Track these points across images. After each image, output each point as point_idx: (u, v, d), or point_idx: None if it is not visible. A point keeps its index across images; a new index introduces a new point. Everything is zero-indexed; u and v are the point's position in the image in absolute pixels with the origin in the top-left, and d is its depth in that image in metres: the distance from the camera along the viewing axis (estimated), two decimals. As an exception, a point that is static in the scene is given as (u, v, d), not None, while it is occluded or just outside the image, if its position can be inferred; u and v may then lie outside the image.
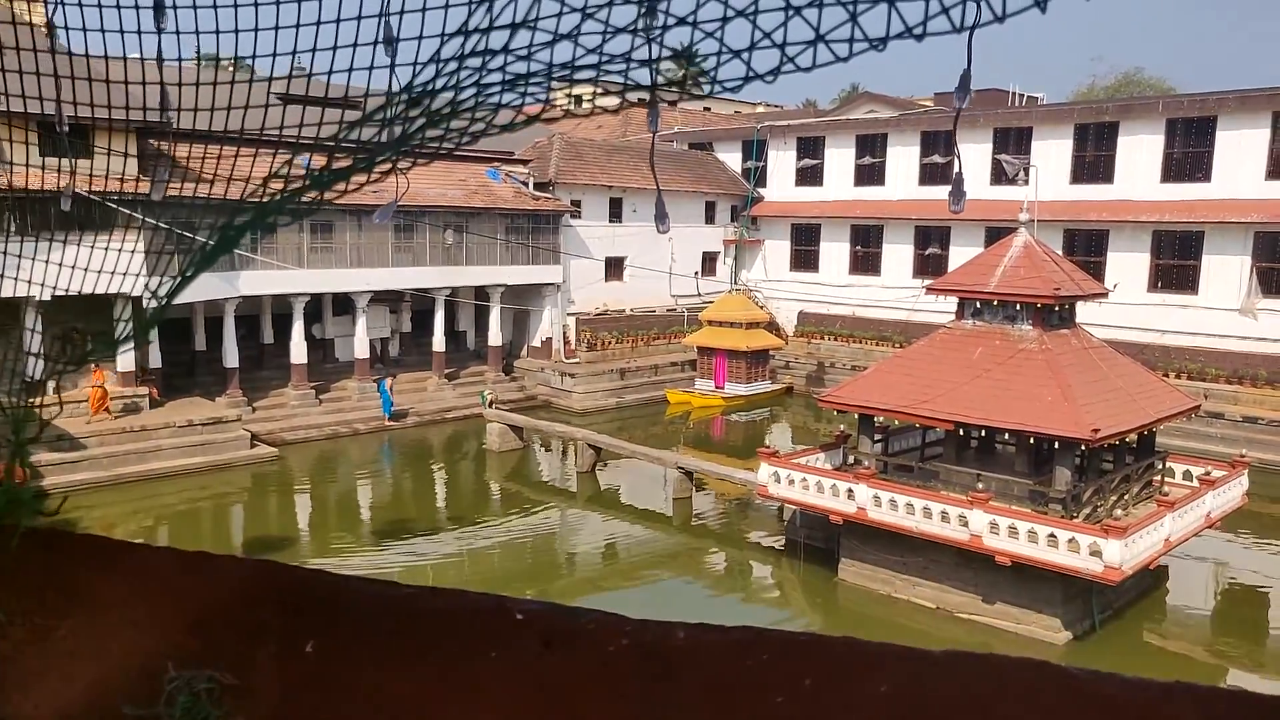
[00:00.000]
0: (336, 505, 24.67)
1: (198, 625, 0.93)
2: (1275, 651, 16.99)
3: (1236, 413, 28.45)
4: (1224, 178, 30.65)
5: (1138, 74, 64.89)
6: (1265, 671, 15.95)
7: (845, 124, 41.70)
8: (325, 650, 0.91)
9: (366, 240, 31.00)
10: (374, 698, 0.86)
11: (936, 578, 17.16)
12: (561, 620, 0.93)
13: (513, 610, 0.94)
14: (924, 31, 0.92)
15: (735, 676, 0.85)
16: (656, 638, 0.91)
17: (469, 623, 0.94)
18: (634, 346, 37.70)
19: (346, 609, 0.95)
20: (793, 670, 0.84)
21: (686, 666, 0.87)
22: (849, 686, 0.81)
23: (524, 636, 0.91)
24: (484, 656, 0.88)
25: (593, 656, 0.89)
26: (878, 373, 18.97)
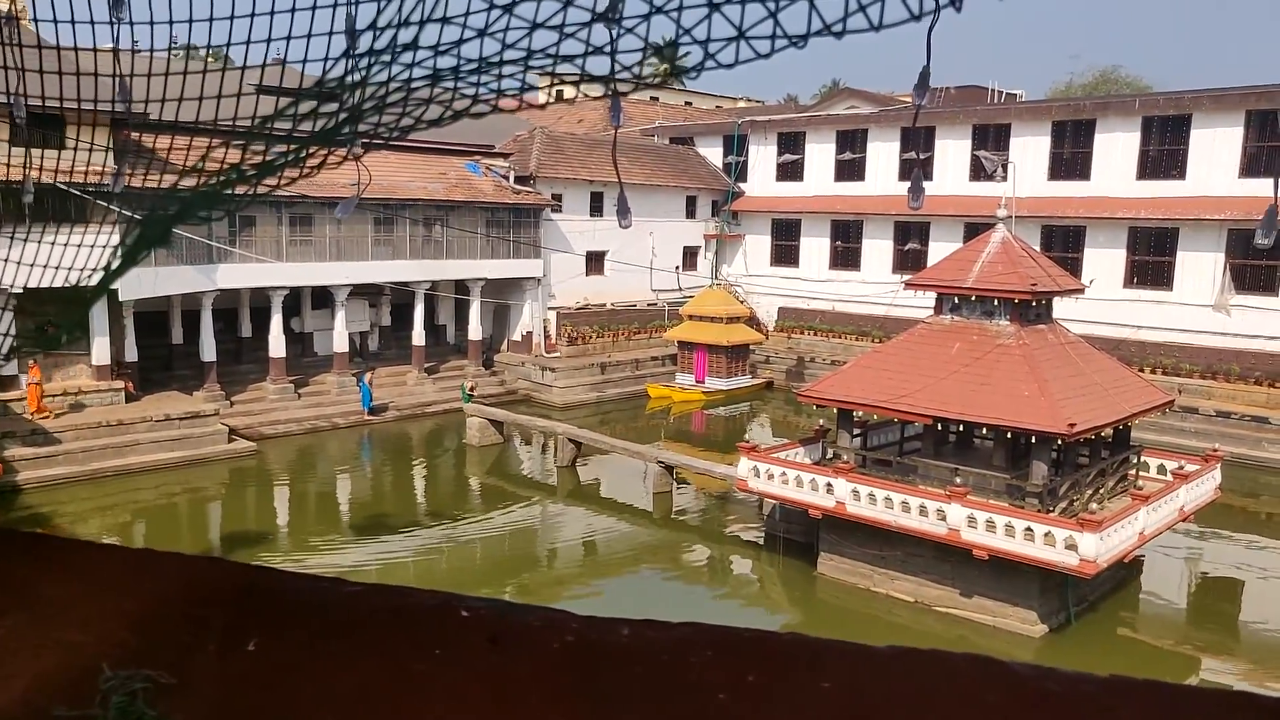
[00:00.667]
0: (315, 500, 24.57)
1: (140, 624, 0.92)
2: (1247, 643, 17.21)
3: (1210, 407, 28.75)
4: (1198, 175, 30.94)
5: (1115, 72, 65.37)
6: (1236, 662, 16.16)
7: (826, 119, 41.81)
8: (268, 648, 0.90)
9: (346, 233, 30.87)
10: (317, 695, 0.86)
11: (915, 571, 17.27)
12: (507, 617, 0.94)
13: (458, 608, 0.94)
14: (843, 29, 0.92)
15: (678, 673, 0.85)
16: (601, 635, 0.91)
17: (415, 620, 0.94)
18: (614, 341, 37.71)
19: (291, 607, 0.95)
20: (736, 666, 0.84)
21: (630, 663, 0.86)
22: (792, 682, 0.82)
23: (469, 634, 0.91)
24: (429, 654, 0.89)
25: (538, 654, 0.89)
26: (857, 367, 19.05)
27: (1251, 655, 16.51)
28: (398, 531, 21.09)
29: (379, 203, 31.28)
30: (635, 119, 54.28)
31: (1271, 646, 17.07)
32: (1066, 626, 16.54)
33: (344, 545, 20.37)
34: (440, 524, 21.99)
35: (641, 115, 55.69)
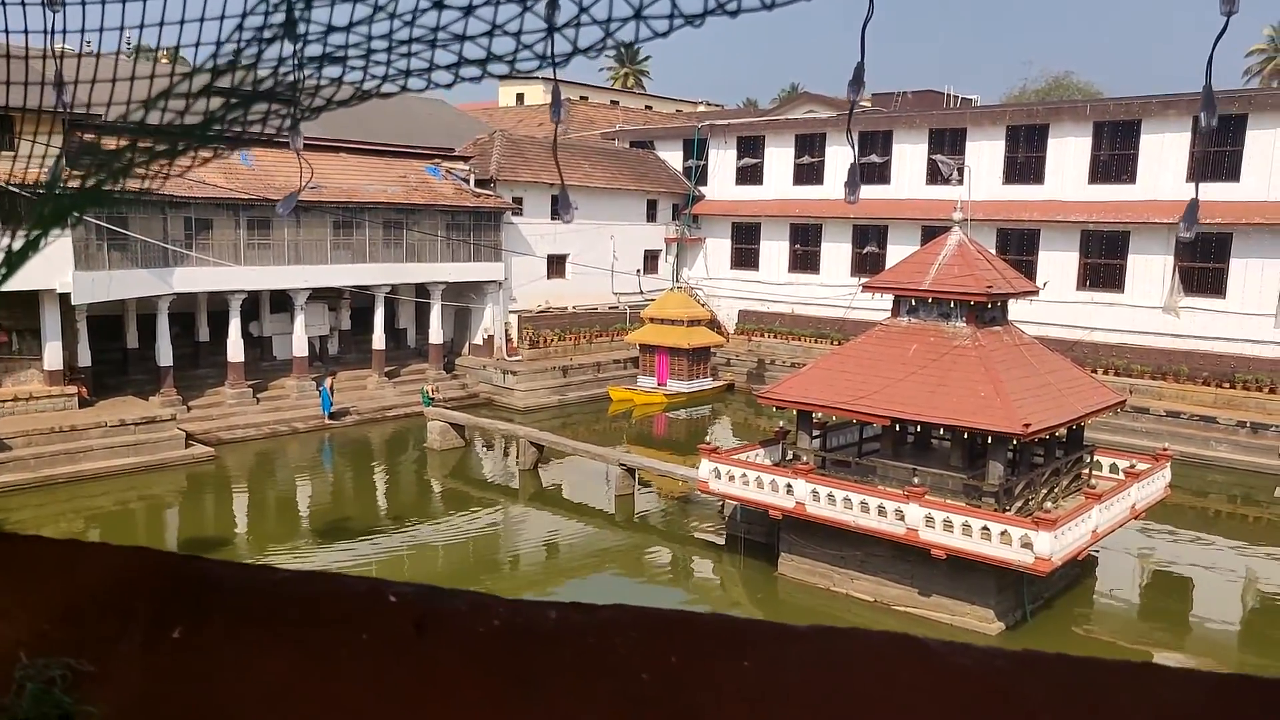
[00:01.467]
0: (275, 505, 24.33)
1: (63, 614, 0.92)
2: (1197, 637, 17.58)
3: (1160, 407, 29.34)
4: (1148, 179, 31.58)
5: (1067, 78, 66.42)
6: (1186, 656, 16.51)
7: (785, 124, 42.12)
8: (193, 636, 0.90)
9: (305, 236, 30.61)
10: (241, 682, 0.86)
11: (874, 571, 17.45)
12: (435, 602, 0.94)
13: (386, 593, 0.95)
14: (738, 8, 0.95)
15: (603, 654, 0.86)
16: (528, 619, 0.91)
17: (342, 606, 0.94)
18: (576, 344, 37.72)
19: (218, 594, 0.95)
20: (660, 648, 0.86)
21: (556, 646, 0.87)
22: (713, 662, 0.84)
23: (396, 619, 0.91)
24: (355, 639, 0.89)
25: (463, 638, 0.90)
26: (816, 369, 19.22)
27: (1201, 649, 16.87)
28: (359, 536, 20.94)
29: (338, 206, 31.06)
30: (596, 123, 54.35)
31: (1220, 641, 17.47)
32: (1023, 624, 16.78)
33: (305, 550, 20.20)
34: (402, 528, 21.88)
35: (602, 119, 55.78)
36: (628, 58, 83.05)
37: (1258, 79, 63.06)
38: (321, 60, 1.15)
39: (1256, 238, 29.57)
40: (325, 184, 31.18)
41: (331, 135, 34.48)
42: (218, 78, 1.18)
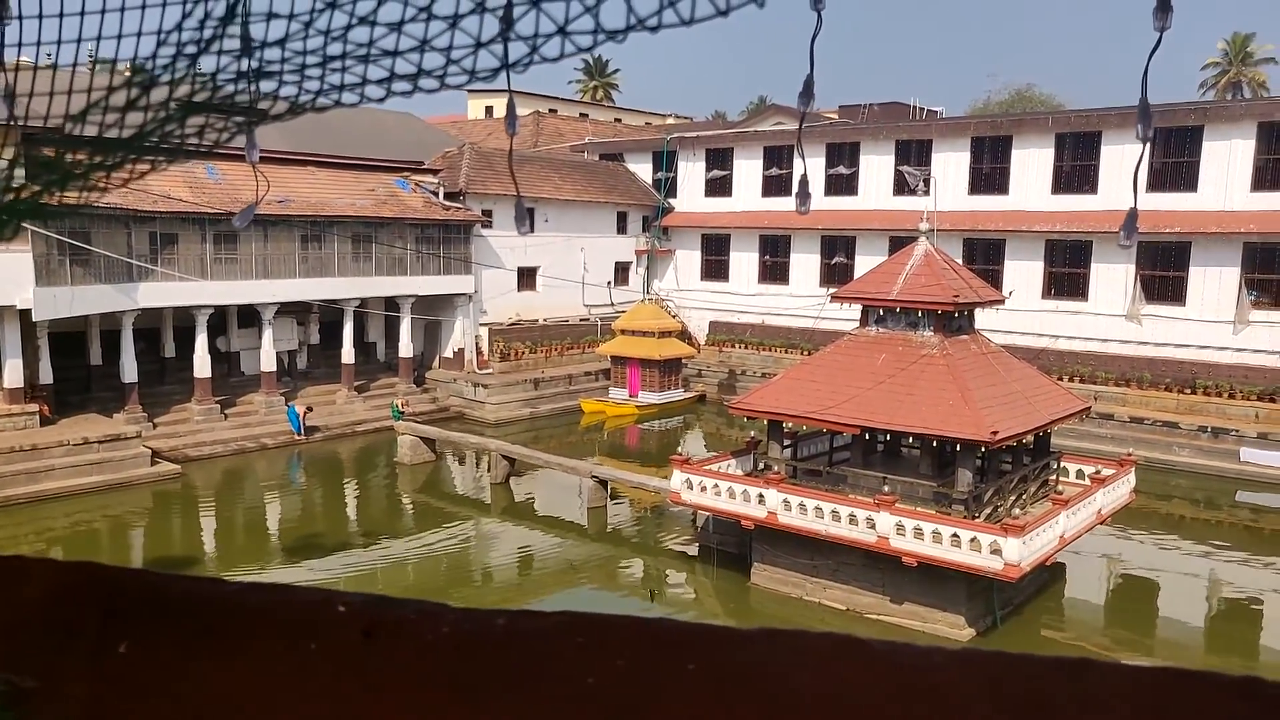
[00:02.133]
0: (244, 523, 24.07)
1: (4, 629, 0.91)
2: (1163, 639, 17.80)
3: (1124, 414, 29.75)
4: (1109, 189, 32.05)
5: (1029, 90, 67.39)
6: (1153, 658, 16.72)
7: (753, 136, 42.38)
8: (140, 649, 0.89)
9: (272, 251, 30.40)
10: (187, 695, 0.85)
11: (846, 580, 17.54)
12: (384, 611, 0.94)
13: (335, 602, 0.95)
14: (658, 24, 0.96)
15: (551, 660, 0.87)
16: (477, 626, 0.91)
17: (290, 616, 0.94)
18: (547, 356, 37.68)
19: (166, 608, 0.94)
20: (608, 652, 0.87)
21: (504, 652, 0.88)
22: (659, 665, 0.85)
23: (345, 628, 0.91)
24: (302, 649, 0.89)
25: (412, 646, 0.90)
26: (786, 379, 19.33)
27: (1167, 651, 17.08)
28: (329, 553, 20.76)
29: (306, 219, 30.89)
30: (565, 135, 54.46)
31: (1185, 643, 17.70)
32: (993, 629, 16.92)
33: (274, 568, 20.00)
34: (373, 544, 21.72)
35: (571, 131, 55.89)
36: (596, 70, 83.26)
37: (1213, 91, 64.25)
38: (281, 69, 1.15)
39: (1214, 246, 30.10)
40: (293, 197, 31.01)
41: (299, 148, 34.31)
42: (156, 89, 1.17)
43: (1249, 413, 28.65)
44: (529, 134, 54.77)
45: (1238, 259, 29.82)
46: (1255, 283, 29.72)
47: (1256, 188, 29.59)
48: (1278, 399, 28.57)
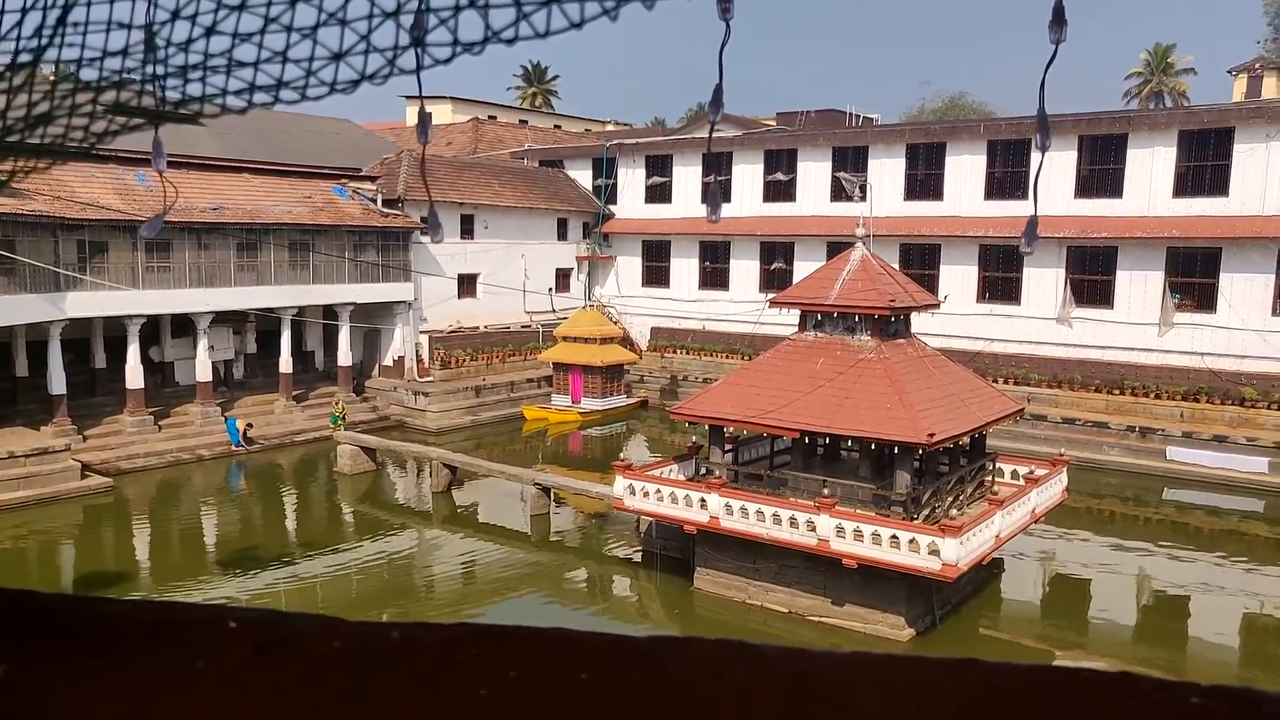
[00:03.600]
0: (180, 537, 23.53)
1: None
2: (1095, 634, 18.22)
3: (1057, 414, 30.46)
4: (1039, 195, 32.82)
5: (962, 98, 68.78)
6: (1087, 653, 17.10)
7: (692, 142, 42.65)
8: (20, 672, 0.87)
9: (207, 259, 29.81)
10: (72, 717, 0.83)
11: (788, 582, 17.69)
12: (276, 626, 0.93)
13: (227, 619, 0.93)
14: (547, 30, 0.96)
15: (444, 672, 0.87)
16: (371, 639, 0.91)
17: (179, 634, 0.92)
18: (489, 364, 37.48)
19: (50, 628, 0.92)
20: (501, 663, 0.87)
21: (398, 665, 0.87)
22: (552, 676, 0.85)
23: (236, 645, 0.90)
24: (190, 667, 0.87)
25: (304, 661, 0.89)
26: (726, 384, 19.45)
27: (1100, 645, 17.51)
28: (269, 565, 20.41)
29: (241, 227, 30.38)
30: (505, 142, 54.24)
31: (1117, 636, 18.15)
32: (933, 629, 17.18)
33: (211, 582, 19.59)
34: (313, 555, 21.39)
35: (511, 138, 55.69)
36: (535, 77, 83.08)
37: (1136, 100, 66.13)
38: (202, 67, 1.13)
39: (1139, 251, 30.99)
40: (228, 205, 30.48)
41: (234, 155, 33.73)
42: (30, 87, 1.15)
43: (1174, 412, 29.52)
44: (468, 140, 54.48)
45: (1162, 263, 30.74)
46: (1178, 286, 30.66)
47: (1178, 194, 30.55)
48: (1201, 399, 29.48)
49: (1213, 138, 29.99)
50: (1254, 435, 27.81)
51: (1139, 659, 16.79)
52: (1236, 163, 29.53)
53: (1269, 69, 45.96)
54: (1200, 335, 30.10)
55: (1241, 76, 45.56)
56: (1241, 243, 29.22)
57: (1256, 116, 29.42)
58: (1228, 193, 29.71)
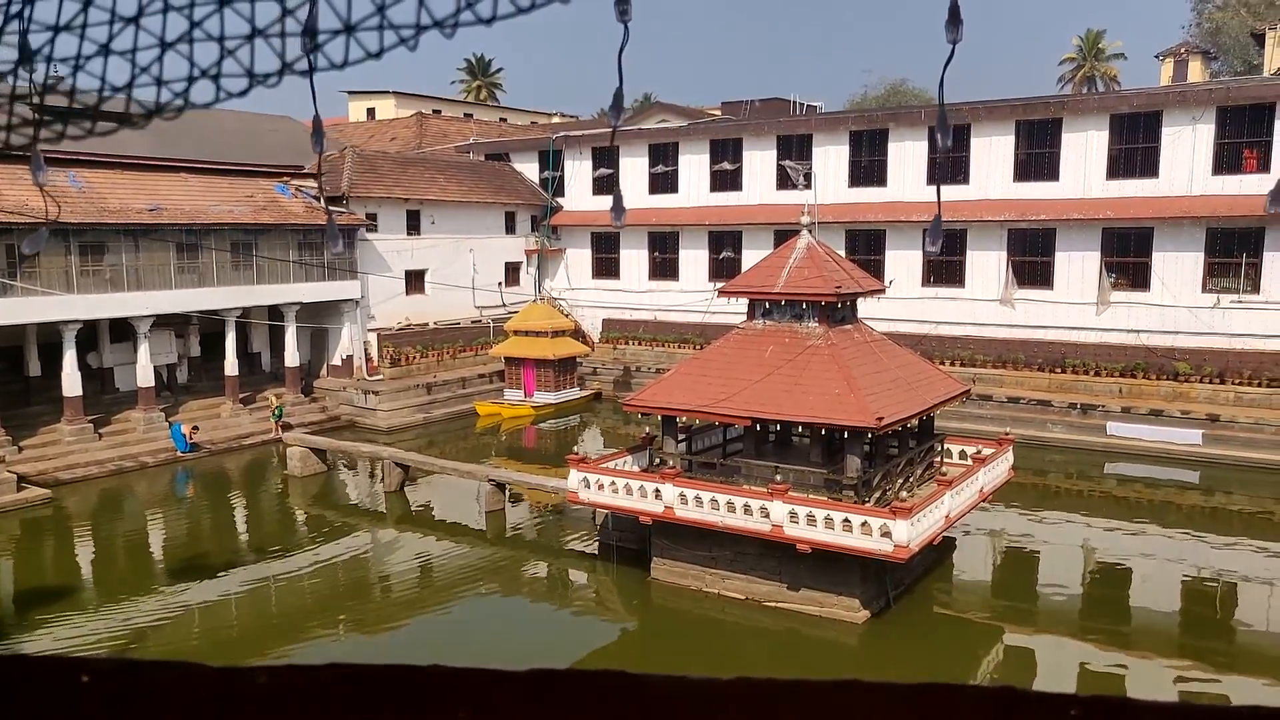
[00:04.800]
0: (125, 547, 23.10)
1: None
2: (1045, 607, 18.66)
3: (1002, 394, 31.07)
4: (979, 179, 33.40)
5: (903, 85, 69.52)
6: (1038, 627, 17.53)
7: (638, 134, 42.63)
8: None
9: (145, 261, 29.22)
10: None
11: (744, 569, 17.86)
12: (135, 677, 0.89)
13: (81, 673, 0.89)
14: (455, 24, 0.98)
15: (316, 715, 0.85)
16: (237, 686, 0.88)
17: (31, 690, 0.87)
18: (439, 360, 37.24)
19: None
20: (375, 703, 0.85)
21: (265, 711, 0.85)
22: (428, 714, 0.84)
23: (90, 698, 0.86)
24: None
25: (164, 712, 0.86)
26: (678, 374, 19.55)
27: (1049, 619, 17.95)
28: (220, 572, 20.14)
29: (180, 228, 29.83)
30: (450, 136, 53.84)
31: (1065, 610, 18.60)
32: (887, 610, 17.45)
33: (160, 591, 19.27)
34: (266, 560, 21.16)
35: (456, 132, 55.29)
36: (480, 70, 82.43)
37: (1070, 85, 67.35)
38: None
39: (1076, 232, 31.68)
40: (165, 205, 29.90)
41: (170, 155, 33.08)
42: None
43: (1113, 389, 30.26)
44: (412, 135, 53.96)
45: (1098, 244, 31.45)
46: (1114, 266, 31.39)
47: (1111, 176, 31.26)
48: (1138, 375, 30.25)
49: (1142, 121, 30.72)
50: (1188, 409, 28.62)
51: (1086, 630, 17.24)
52: (1165, 145, 30.30)
53: (1194, 53, 47.13)
54: (1135, 313, 30.88)
55: (1168, 61, 46.66)
56: (1172, 222, 30.00)
57: (1182, 100, 30.19)
58: (1158, 174, 30.48)
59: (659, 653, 16.86)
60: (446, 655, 16.21)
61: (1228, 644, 17.03)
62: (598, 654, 16.52)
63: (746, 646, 16.58)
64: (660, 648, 17.09)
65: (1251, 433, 27.38)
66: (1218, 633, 17.57)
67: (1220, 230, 29.64)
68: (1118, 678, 15.58)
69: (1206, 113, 29.54)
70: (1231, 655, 16.45)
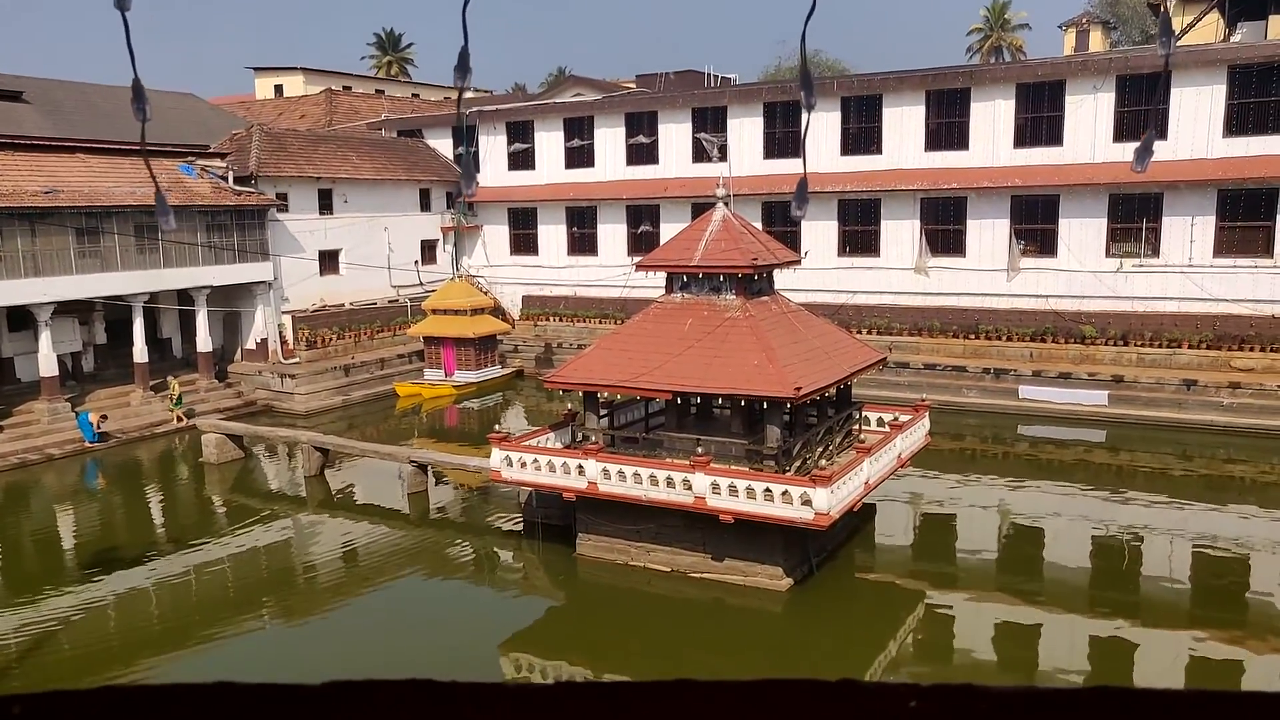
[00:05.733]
0: (33, 542, 22.31)
1: None
2: (964, 569, 19.16)
3: (918, 361, 31.73)
4: (892, 150, 33.90)
5: (816, 56, 70.02)
6: (957, 588, 18.02)
7: (553, 108, 42.29)
8: None
9: (43, 246, 28.06)
10: None
11: (668, 542, 17.98)
12: None
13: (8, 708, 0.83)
14: None
15: None
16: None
17: None
18: (357, 341, 36.62)
19: None
20: None
21: None
22: None
23: None
24: None
25: None
26: (598, 350, 19.50)
27: (968, 581, 18.47)
28: (136, 564, 19.59)
29: (80, 211, 28.71)
30: (361, 113, 52.68)
31: (982, 570, 19.18)
32: (810, 577, 17.75)
33: (73, 587, 18.66)
34: (183, 550, 20.62)
35: (367, 109, 54.11)
36: (390, 45, 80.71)
37: (978, 56, 68.67)
38: None
39: (986, 200, 32.39)
40: (63, 188, 28.73)
41: (66, 134, 31.79)
42: None
43: (1024, 353, 31.14)
44: (322, 112, 52.66)
45: (1007, 211, 32.21)
46: (1023, 233, 32.20)
47: (1019, 144, 32.01)
48: (1047, 339, 31.17)
49: (1047, 90, 31.47)
50: (1094, 370, 29.61)
51: (1004, 588, 17.79)
52: (1068, 113, 31.11)
53: (1094, 23, 48.38)
54: (1044, 279, 31.76)
55: (1071, 31, 47.82)
56: (1076, 189, 30.88)
57: (1084, 70, 31.01)
58: (1062, 142, 31.30)
59: (587, 628, 16.93)
60: (374, 641, 16.05)
61: (1135, 596, 17.74)
62: (525, 632, 16.52)
63: (673, 618, 16.74)
64: (588, 623, 17.15)
65: (1153, 392, 28.45)
66: (1126, 585, 18.30)
67: (1122, 196, 30.59)
68: (1033, 631, 16.13)
69: (1107, 82, 30.38)
70: (1139, 606, 17.15)
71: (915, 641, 16.36)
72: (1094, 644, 15.74)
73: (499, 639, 16.17)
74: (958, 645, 16.03)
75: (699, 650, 15.57)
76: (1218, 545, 19.92)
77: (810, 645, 15.87)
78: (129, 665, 15.40)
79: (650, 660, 15.36)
